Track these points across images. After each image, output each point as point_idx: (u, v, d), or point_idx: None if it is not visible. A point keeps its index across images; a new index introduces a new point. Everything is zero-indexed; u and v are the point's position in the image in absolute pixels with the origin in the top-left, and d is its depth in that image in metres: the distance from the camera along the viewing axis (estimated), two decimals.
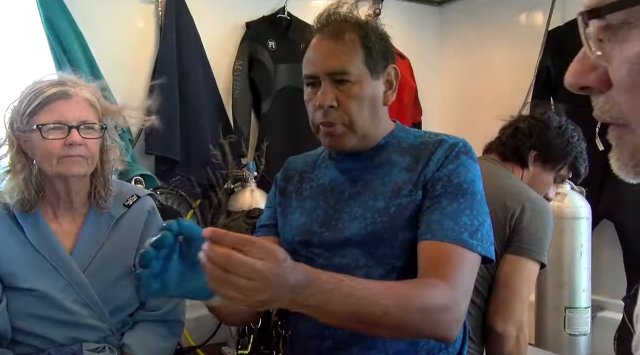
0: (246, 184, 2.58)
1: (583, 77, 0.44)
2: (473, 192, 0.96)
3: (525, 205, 1.36)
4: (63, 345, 1.14)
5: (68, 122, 1.16)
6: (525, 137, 1.49)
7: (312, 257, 1.01)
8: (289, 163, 1.18)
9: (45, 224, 1.22)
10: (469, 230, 0.93)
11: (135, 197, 1.33)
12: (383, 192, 0.99)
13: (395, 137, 1.05)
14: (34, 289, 1.16)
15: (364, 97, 0.99)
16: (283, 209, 1.10)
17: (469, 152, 1.00)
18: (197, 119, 2.50)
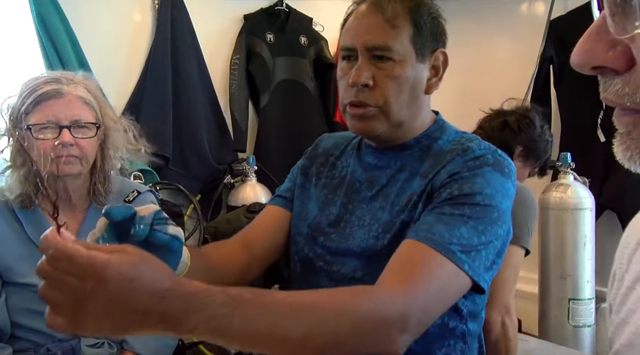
0: (246, 178, 2.57)
1: (598, 55, 0.39)
2: (487, 207, 0.82)
3: None
4: (62, 341, 1.14)
5: (59, 121, 1.15)
6: (513, 132, 1.50)
7: (314, 257, 0.97)
8: (320, 140, 1.09)
9: (45, 220, 1.22)
10: (463, 244, 0.78)
11: (136, 193, 1.32)
12: (394, 203, 0.91)
13: (430, 137, 0.94)
14: (32, 284, 1.15)
15: (405, 79, 0.88)
16: (301, 192, 1.03)
17: (498, 165, 0.85)
18: (190, 115, 2.47)
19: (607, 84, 0.40)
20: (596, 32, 0.39)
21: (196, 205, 2.51)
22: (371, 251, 0.90)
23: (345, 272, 0.93)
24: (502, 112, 1.56)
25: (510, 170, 0.87)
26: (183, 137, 2.46)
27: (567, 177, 1.95)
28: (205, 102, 2.54)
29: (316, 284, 0.97)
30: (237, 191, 2.56)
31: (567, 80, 2.31)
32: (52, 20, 2.02)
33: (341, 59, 0.92)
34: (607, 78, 0.40)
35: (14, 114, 1.17)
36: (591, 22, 0.40)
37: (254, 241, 0.99)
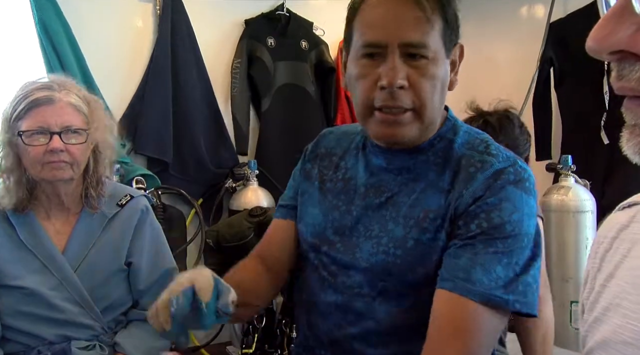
0: (248, 182, 2.57)
1: (620, 39, 0.36)
2: (517, 235, 0.77)
3: None
4: (52, 343, 1.15)
5: (50, 128, 1.16)
6: (495, 131, 1.50)
7: (319, 265, 0.93)
8: (322, 137, 1.02)
9: (38, 224, 1.23)
10: (502, 284, 0.75)
11: (128, 197, 1.33)
12: (407, 216, 0.84)
13: (443, 138, 0.87)
14: (23, 287, 1.16)
15: (438, 78, 0.81)
16: (304, 197, 0.98)
17: (519, 182, 0.80)
18: (190, 120, 2.49)
19: (627, 71, 0.37)
20: (618, 14, 0.36)
21: (198, 209, 2.52)
22: (380, 267, 0.85)
23: (351, 285, 0.88)
24: (483, 113, 1.57)
25: (531, 184, 0.83)
26: (182, 142, 2.47)
27: (568, 179, 1.93)
28: (205, 107, 2.55)
29: (319, 293, 0.93)
30: (238, 195, 2.56)
31: (567, 82, 2.29)
32: (54, 26, 2.04)
33: (360, 56, 0.82)
34: (627, 64, 0.37)
35: (5, 120, 1.18)
36: (591, 24, 0.37)
37: (268, 258, 1.00)
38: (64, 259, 1.21)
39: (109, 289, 1.24)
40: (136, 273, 1.27)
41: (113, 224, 1.28)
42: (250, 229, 2.32)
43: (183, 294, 0.76)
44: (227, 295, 0.79)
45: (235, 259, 2.44)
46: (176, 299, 0.76)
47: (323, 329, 0.93)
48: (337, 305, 0.89)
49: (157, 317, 0.77)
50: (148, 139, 2.34)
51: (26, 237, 1.20)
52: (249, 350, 2.33)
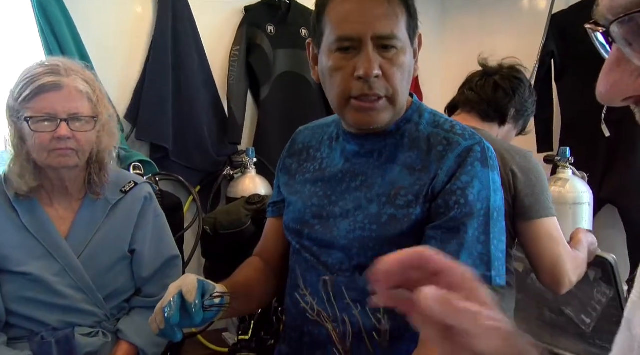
0: (246, 170, 2.57)
1: (627, 86, 0.39)
2: (488, 211, 0.87)
3: (514, 169, 1.34)
4: (56, 329, 1.15)
5: (57, 114, 1.14)
6: (507, 95, 1.47)
7: (302, 249, 0.99)
8: (297, 135, 1.10)
9: (41, 209, 1.22)
10: (485, 261, 0.85)
11: (132, 183, 1.32)
12: (379, 194, 0.91)
13: (410, 121, 0.95)
14: (27, 273, 1.16)
15: (406, 66, 0.88)
16: (286, 190, 1.06)
17: (486, 160, 0.89)
18: (191, 107, 2.47)
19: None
20: (616, 64, 0.39)
21: (195, 196, 2.51)
22: (357, 243, 0.91)
23: (333, 263, 0.94)
24: (488, 72, 1.52)
25: (494, 160, 0.91)
26: (184, 128, 2.46)
27: (566, 171, 1.94)
28: (206, 94, 2.54)
29: (305, 274, 0.99)
30: (236, 183, 2.56)
31: (568, 74, 2.30)
32: (53, 11, 2.02)
33: (335, 50, 0.87)
34: None
35: (11, 102, 1.17)
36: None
37: (267, 255, 1.11)
38: (68, 245, 1.21)
39: (112, 276, 1.24)
40: (139, 260, 1.27)
41: (116, 210, 1.28)
42: (248, 217, 2.32)
43: (173, 300, 0.87)
44: (211, 292, 0.91)
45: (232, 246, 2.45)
46: (168, 306, 0.87)
47: (312, 306, 0.98)
48: (322, 283, 0.95)
49: (154, 322, 0.89)
50: (148, 125, 2.33)
51: (29, 223, 1.20)
52: (245, 336, 2.34)
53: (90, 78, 1.23)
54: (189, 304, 0.88)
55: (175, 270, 1.33)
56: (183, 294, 0.88)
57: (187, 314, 0.88)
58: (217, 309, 0.92)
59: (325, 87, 0.93)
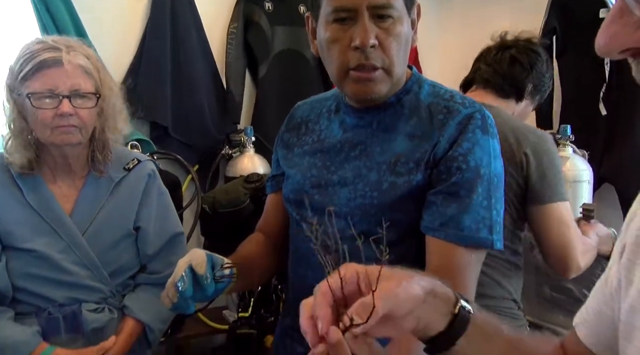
0: (244, 149, 2.55)
1: (626, 38, 0.39)
2: (490, 177, 0.88)
3: (527, 152, 1.31)
4: (62, 305, 1.15)
5: (59, 91, 1.13)
6: (525, 70, 1.42)
7: (301, 219, 1.00)
8: (295, 110, 1.10)
9: (45, 186, 1.21)
10: (487, 225, 0.86)
11: (135, 161, 1.32)
12: (379, 162, 0.92)
13: (409, 92, 0.95)
14: (32, 250, 1.15)
15: (403, 35, 0.88)
16: (285, 163, 1.06)
17: (486, 127, 0.89)
18: (190, 84, 2.44)
19: None
20: (618, 15, 0.39)
21: (194, 175, 2.50)
22: (359, 211, 0.91)
23: (335, 231, 0.94)
24: (505, 45, 1.46)
25: (494, 128, 0.92)
26: (184, 106, 2.43)
27: (566, 149, 1.94)
28: (206, 71, 2.51)
29: (307, 246, 0.97)
30: (235, 162, 2.55)
31: (569, 52, 2.28)
32: None
33: (331, 21, 0.88)
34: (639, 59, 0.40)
35: (11, 79, 1.15)
36: None
37: (269, 230, 1.12)
38: (72, 222, 1.20)
39: (117, 252, 1.24)
40: (144, 238, 1.27)
41: (120, 188, 1.27)
42: (246, 195, 2.32)
43: (185, 275, 0.89)
44: (219, 264, 0.93)
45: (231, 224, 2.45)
46: (181, 280, 0.89)
47: (313, 279, 0.96)
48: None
49: (167, 297, 0.92)
50: (146, 104, 2.30)
51: (33, 200, 1.19)
52: (245, 314, 2.36)
53: (91, 54, 1.22)
54: (200, 277, 0.90)
55: (180, 247, 1.33)
56: (193, 267, 0.90)
57: (199, 286, 0.91)
58: (227, 280, 0.94)
59: (324, 59, 0.93)
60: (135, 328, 1.23)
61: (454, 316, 0.54)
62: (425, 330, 0.54)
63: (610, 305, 0.55)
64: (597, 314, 0.58)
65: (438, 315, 0.54)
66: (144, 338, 1.26)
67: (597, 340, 0.58)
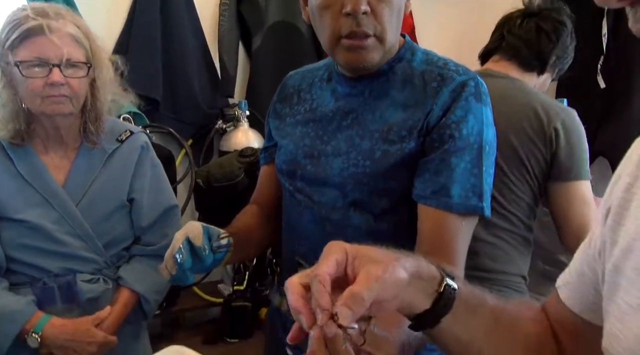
0: (238, 123, 2.54)
1: None
2: (481, 145, 0.88)
3: (557, 127, 1.27)
4: (57, 275, 1.15)
5: (49, 59, 1.11)
6: (551, 42, 1.35)
7: (294, 190, 1.00)
8: (287, 79, 1.09)
9: (36, 157, 1.20)
10: (477, 193, 0.87)
11: (128, 132, 1.30)
12: (371, 131, 0.91)
13: (402, 60, 0.95)
14: (25, 220, 1.15)
15: (395, 3, 0.87)
16: (278, 134, 1.06)
17: (479, 95, 0.89)
18: (181, 57, 2.41)
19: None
20: None
21: (188, 149, 2.49)
22: (352, 180, 0.91)
23: (326, 201, 0.95)
24: (529, 13, 1.39)
25: (487, 96, 0.91)
26: (174, 80, 2.40)
27: None
28: (196, 45, 2.47)
29: (300, 216, 1.00)
30: (229, 136, 2.53)
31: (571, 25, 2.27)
32: None
33: None
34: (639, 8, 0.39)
35: None
36: None
37: (263, 202, 1.12)
38: (65, 193, 1.19)
39: (111, 224, 1.23)
40: (138, 210, 1.26)
41: (113, 159, 1.26)
42: (241, 170, 2.31)
43: (182, 246, 0.89)
44: (216, 235, 0.94)
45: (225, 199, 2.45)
46: (178, 252, 0.89)
47: (305, 249, 0.99)
48: (316, 223, 0.96)
49: (165, 269, 0.92)
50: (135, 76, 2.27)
51: (25, 171, 1.17)
52: (240, 287, 2.38)
53: (81, 23, 1.19)
54: (197, 248, 0.91)
55: (175, 220, 1.33)
56: (190, 239, 0.91)
57: (198, 258, 0.91)
58: (225, 250, 0.94)
59: (316, 27, 0.92)
60: (130, 299, 1.23)
61: (439, 295, 0.54)
62: (409, 308, 0.54)
63: (592, 267, 0.56)
64: (580, 276, 0.58)
65: (422, 296, 0.54)
66: (139, 309, 1.26)
67: (579, 302, 0.58)
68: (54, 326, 1.12)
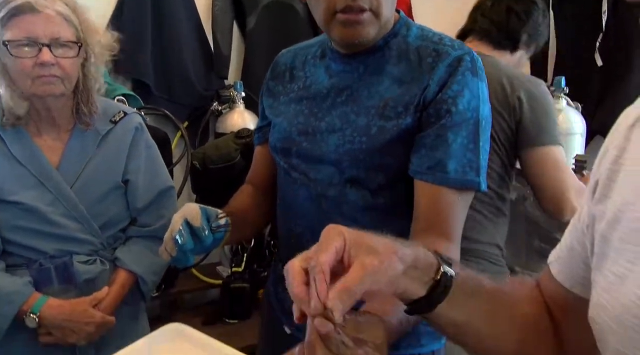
0: (234, 105, 2.51)
1: None
2: (477, 120, 0.88)
3: (520, 95, 1.32)
4: (53, 257, 1.15)
5: (38, 39, 1.09)
6: (520, 20, 1.41)
7: (290, 168, 0.99)
8: (279, 57, 1.09)
9: (29, 139, 1.19)
10: (474, 167, 0.87)
11: (122, 113, 1.29)
12: (367, 107, 0.91)
13: (397, 35, 0.94)
14: (20, 202, 1.14)
15: None
16: (271, 112, 1.05)
17: (476, 69, 0.89)
18: (173, 39, 2.37)
19: None
20: None
21: (183, 131, 2.47)
22: (348, 157, 0.91)
23: (322, 178, 0.94)
24: None
25: (483, 71, 0.91)
26: (167, 61, 2.37)
27: (560, 101, 1.93)
28: (189, 25, 2.43)
29: (295, 194, 0.99)
30: (224, 118, 2.51)
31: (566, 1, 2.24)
32: None
33: None
34: None
35: None
36: None
37: (258, 182, 1.12)
38: (59, 175, 1.18)
39: (106, 205, 1.23)
40: (133, 191, 1.26)
41: (107, 141, 1.25)
42: (237, 151, 2.30)
43: (182, 228, 0.90)
44: (214, 215, 0.94)
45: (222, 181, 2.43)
46: (179, 234, 0.89)
47: (300, 227, 0.99)
48: (312, 200, 0.96)
49: (165, 251, 0.92)
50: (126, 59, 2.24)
51: (18, 152, 1.16)
52: (238, 268, 2.38)
53: (71, 1, 1.16)
54: (197, 229, 0.91)
55: (171, 201, 1.32)
56: (189, 220, 0.91)
57: (197, 239, 0.92)
58: (224, 229, 0.95)
59: (311, 4, 0.91)
60: (128, 279, 1.23)
61: (436, 282, 0.54)
62: (404, 295, 0.54)
63: (581, 242, 0.56)
64: (570, 251, 0.59)
65: (418, 284, 0.54)
66: (136, 290, 1.27)
67: (569, 276, 0.59)
68: (51, 307, 1.13)
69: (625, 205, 0.49)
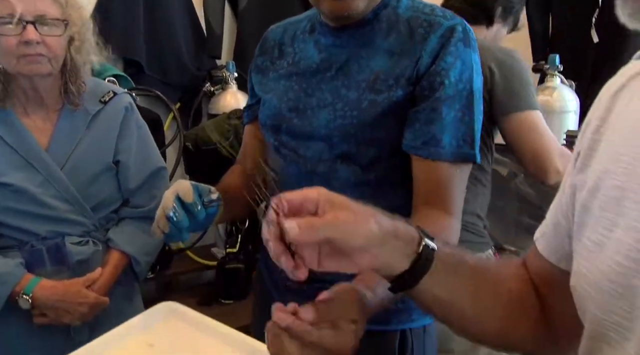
0: (226, 85, 2.49)
1: None
2: (471, 92, 0.87)
3: (491, 65, 1.32)
4: (45, 238, 1.14)
5: (22, 16, 1.06)
6: None
7: (279, 145, 0.99)
8: (268, 33, 1.07)
9: (17, 120, 1.17)
10: (468, 141, 0.87)
11: (111, 93, 1.27)
12: (357, 81, 0.90)
13: (387, 6, 0.92)
14: (9, 184, 1.13)
15: None
16: (261, 89, 1.04)
17: (468, 40, 0.88)
18: (165, 19, 2.34)
19: None
20: None
21: (176, 113, 2.45)
22: (339, 132, 0.90)
23: (312, 155, 0.94)
24: None
25: (475, 42, 0.90)
26: (158, 40, 2.34)
27: (554, 79, 1.92)
28: (181, 5, 2.40)
29: (286, 172, 0.99)
30: (217, 99, 2.49)
31: None
32: None
33: None
34: None
35: None
36: None
37: (247, 160, 1.11)
38: (48, 156, 1.17)
39: (97, 186, 1.22)
40: (125, 172, 1.25)
41: (97, 121, 1.23)
42: (230, 132, 2.29)
43: (174, 205, 0.89)
44: (206, 190, 0.94)
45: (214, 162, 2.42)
46: (172, 210, 0.88)
47: None
48: (302, 177, 0.96)
49: (158, 228, 0.91)
50: (116, 38, 2.21)
51: (6, 134, 1.15)
52: (233, 249, 2.39)
53: None
54: (189, 205, 0.90)
55: (163, 182, 1.31)
56: (181, 197, 0.90)
57: (191, 214, 0.91)
58: (217, 203, 0.94)
59: None
60: (121, 260, 1.23)
61: (418, 255, 0.54)
62: (387, 269, 0.55)
63: (565, 214, 0.56)
64: (555, 226, 0.58)
65: (399, 256, 0.54)
66: (130, 270, 1.27)
67: (554, 251, 0.59)
68: (43, 288, 1.12)
69: (604, 173, 0.49)
